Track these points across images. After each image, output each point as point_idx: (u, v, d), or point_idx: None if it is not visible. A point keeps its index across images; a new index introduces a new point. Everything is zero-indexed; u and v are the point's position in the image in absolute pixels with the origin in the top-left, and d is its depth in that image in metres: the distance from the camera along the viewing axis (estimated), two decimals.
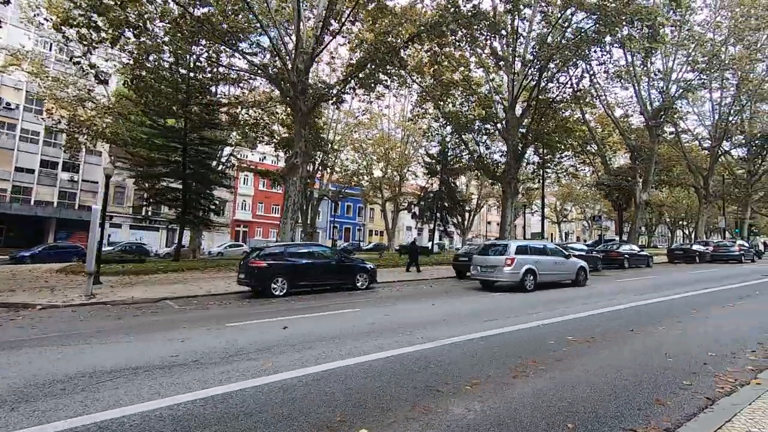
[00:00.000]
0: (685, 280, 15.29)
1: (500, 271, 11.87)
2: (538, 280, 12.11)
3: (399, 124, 42.75)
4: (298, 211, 17.13)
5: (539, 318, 7.69)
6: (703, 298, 10.49)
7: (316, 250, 11.93)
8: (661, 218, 75.55)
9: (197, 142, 25.41)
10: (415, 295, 11.35)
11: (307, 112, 17.29)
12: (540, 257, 12.61)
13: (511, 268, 11.70)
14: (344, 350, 5.53)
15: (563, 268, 13.24)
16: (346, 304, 9.63)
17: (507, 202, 21.43)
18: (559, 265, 13.14)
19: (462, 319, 7.69)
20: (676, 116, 30.09)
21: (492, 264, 12.25)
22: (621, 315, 8.06)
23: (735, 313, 8.24)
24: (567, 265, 13.34)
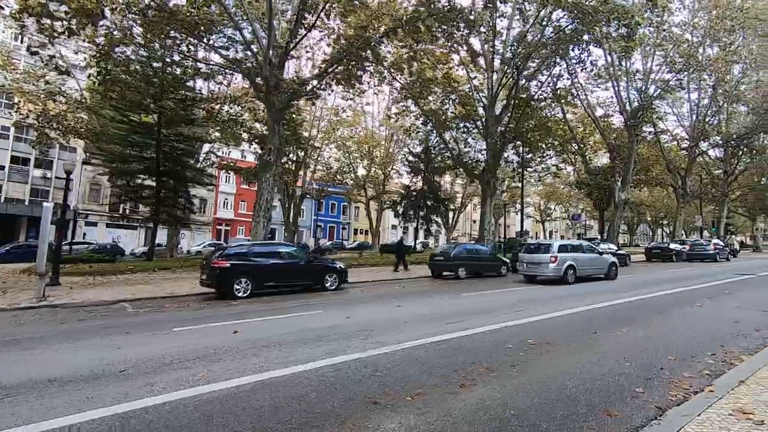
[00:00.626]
0: (658, 279, 15.31)
1: (546, 267, 13.70)
2: (577, 274, 13.97)
3: (382, 122, 42.39)
4: (271, 209, 16.69)
5: (503, 320, 7.47)
6: (673, 297, 10.43)
7: (283, 250, 11.55)
8: (642, 217, 76.95)
9: (172, 138, 24.73)
10: (385, 296, 11.08)
11: (281, 108, 16.87)
12: (578, 254, 14.48)
13: (555, 265, 13.55)
14: (291, 357, 5.21)
15: (597, 264, 15.01)
16: (309, 306, 9.30)
17: (486, 200, 21.30)
18: (593, 261, 14.93)
19: (425, 321, 7.43)
20: (655, 116, 30.40)
21: (537, 261, 14.14)
22: (584, 317, 7.89)
23: (701, 314, 8.14)
24: (600, 261, 15.13)
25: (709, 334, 6.42)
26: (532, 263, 14.33)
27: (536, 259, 14.20)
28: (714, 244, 25.71)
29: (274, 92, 16.29)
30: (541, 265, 13.89)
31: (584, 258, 14.51)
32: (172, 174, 24.94)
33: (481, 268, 16.48)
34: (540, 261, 13.98)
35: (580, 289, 12.25)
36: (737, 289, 11.88)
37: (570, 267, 13.72)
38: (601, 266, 14.94)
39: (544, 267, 13.73)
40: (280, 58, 17.00)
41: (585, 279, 14.28)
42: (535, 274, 14.31)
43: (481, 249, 17.43)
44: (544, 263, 13.73)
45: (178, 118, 24.31)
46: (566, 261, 13.70)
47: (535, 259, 14.29)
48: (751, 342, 5.91)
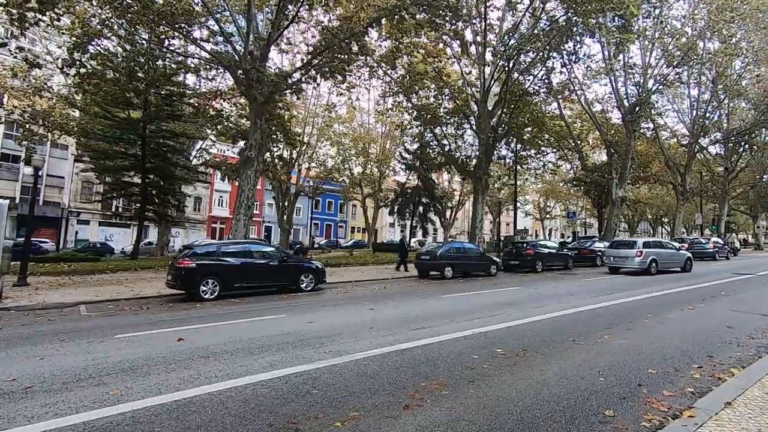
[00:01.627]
0: (654, 279, 14.73)
1: (632, 260, 15.58)
2: (659, 267, 15.75)
3: (378, 119, 41.76)
4: (252, 206, 16.15)
5: (478, 325, 6.91)
6: (667, 298, 9.87)
7: (254, 249, 10.97)
8: (643, 215, 76.17)
9: (158, 134, 24.20)
10: (361, 298, 10.51)
11: (263, 102, 16.28)
12: (659, 250, 16.48)
13: (640, 259, 15.41)
14: (228, 370, 4.67)
15: (676, 258, 16.84)
16: (275, 309, 8.75)
17: (478, 197, 20.70)
18: (672, 256, 16.82)
19: (392, 327, 6.87)
20: (653, 112, 29.73)
21: (623, 255, 16.08)
22: (566, 322, 7.32)
23: (692, 317, 7.58)
24: (678, 256, 17.01)
25: (699, 341, 5.86)
26: (618, 257, 16.27)
27: (622, 254, 16.16)
28: (713, 242, 25.12)
29: (256, 86, 15.71)
30: (627, 259, 15.75)
31: (665, 253, 16.47)
32: (158, 171, 24.43)
33: (469, 267, 15.91)
34: (626, 255, 15.83)
35: (568, 290, 11.68)
36: (734, 290, 11.31)
37: (653, 261, 15.58)
38: (679, 260, 16.84)
39: (630, 261, 15.62)
40: (261, 51, 16.41)
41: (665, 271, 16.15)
42: (619, 266, 16.31)
43: (470, 248, 16.85)
44: (630, 257, 15.60)
45: (163, 114, 23.80)
46: (650, 255, 15.57)
47: (621, 253, 16.27)
48: (744, 352, 5.35)
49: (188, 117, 24.95)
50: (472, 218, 20.94)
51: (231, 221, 56.69)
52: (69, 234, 42.52)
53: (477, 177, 20.57)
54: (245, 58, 15.21)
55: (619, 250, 16.68)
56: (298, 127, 41.12)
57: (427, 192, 36.23)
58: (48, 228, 41.05)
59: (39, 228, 40.56)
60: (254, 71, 15.15)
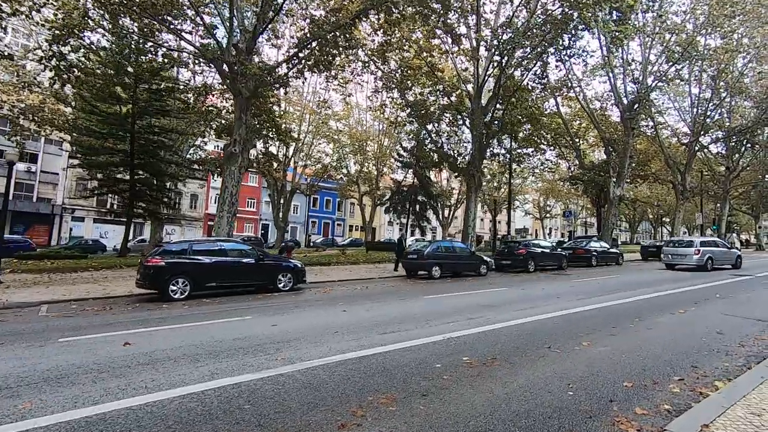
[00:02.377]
0: (648, 280, 14.29)
1: (690, 258, 17.09)
2: (714, 264, 17.04)
3: (375, 116, 41.25)
4: (236, 203, 15.74)
5: (453, 329, 6.49)
6: (658, 301, 9.42)
7: (229, 247, 10.55)
8: (644, 215, 75.48)
9: (148, 130, 23.80)
10: (339, 298, 10.09)
11: (249, 96, 15.87)
12: (714, 248, 17.90)
13: (698, 256, 16.89)
14: (162, 380, 4.26)
15: (727, 256, 18.27)
16: (244, 310, 8.34)
17: (471, 195, 20.25)
18: (725, 254, 18.30)
19: (360, 330, 6.45)
20: (654, 110, 29.22)
21: (681, 253, 17.58)
22: (546, 325, 6.89)
23: (682, 322, 7.13)
24: (730, 254, 18.52)
25: (684, 349, 5.42)
26: (676, 255, 17.79)
27: (681, 252, 17.71)
28: None
29: (240, 79, 15.30)
30: (685, 256, 17.25)
31: (718, 251, 17.88)
32: (148, 167, 24.05)
33: (458, 267, 15.48)
34: (684, 253, 17.42)
35: (557, 292, 11.23)
36: (729, 292, 10.86)
37: (710, 258, 16.94)
38: (730, 258, 18.28)
39: (688, 258, 17.11)
40: (248, 44, 15.98)
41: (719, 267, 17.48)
42: (677, 263, 17.65)
43: (459, 247, 16.41)
44: (689, 255, 17.15)
45: (152, 109, 23.41)
46: (706, 253, 17.01)
47: (679, 251, 17.79)
48: (732, 361, 4.91)
49: (178, 112, 24.53)
50: (465, 216, 20.49)
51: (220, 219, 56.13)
52: (63, 231, 42.23)
53: (470, 174, 20.11)
54: (229, 51, 14.79)
55: (677, 248, 18.16)
56: (294, 123, 40.79)
57: (423, 190, 35.77)
58: (42, 225, 40.81)
59: (32, 225, 40.40)
60: (238, 64, 14.72)
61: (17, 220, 39.72)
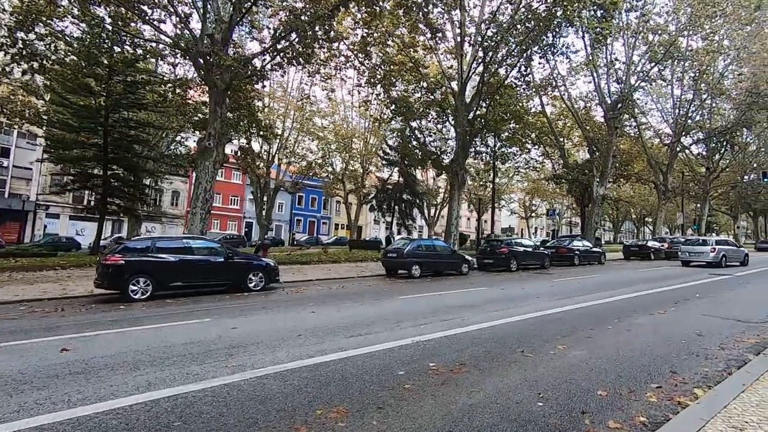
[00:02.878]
0: (630, 279, 14.19)
1: (706, 255, 18.77)
2: (727, 261, 18.87)
3: (360, 113, 40.78)
4: (211, 200, 15.18)
5: (423, 332, 6.14)
6: (638, 301, 9.22)
7: (195, 245, 10.03)
8: (628, 214, 76.52)
9: (122, 124, 22.98)
10: (311, 299, 9.65)
11: (224, 89, 15.31)
12: (727, 247, 19.89)
13: (714, 254, 18.62)
14: (89, 391, 3.81)
15: (737, 254, 19.93)
16: (207, 312, 7.87)
17: (454, 194, 19.99)
18: (735, 251, 20.04)
19: (323, 334, 6.05)
20: (636, 110, 29.38)
21: (698, 251, 19.29)
22: (521, 327, 6.59)
23: (661, 323, 6.91)
24: (739, 252, 20.26)
25: (663, 353, 5.16)
26: (693, 252, 19.49)
27: (697, 250, 19.37)
28: None
29: (215, 71, 14.74)
30: (702, 254, 18.96)
31: (730, 249, 19.74)
32: (122, 162, 23.23)
33: (439, 266, 15.17)
34: (701, 251, 19.09)
35: (537, 291, 10.99)
36: (710, 292, 10.75)
37: (723, 255, 18.70)
38: (739, 256, 19.88)
39: (704, 255, 18.80)
40: (223, 35, 15.42)
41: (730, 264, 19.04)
42: (693, 260, 19.40)
43: (440, 245, 16.10)
44: (705, 252, 18.84)
45: (126, 102, 22.60)
46: (721, 251, 18.81)
47: (696, 249, 19.51)
48: (712, 366, 4.65)
49: (155, 106, 23.73)
50: (448, 215, 20.21)
51: (210, 216, 55.18)
52: (37, 228, 40.83)
53: (453, 172, 19.84)
54: (202, 41, 14.22)
55: (694, 247, 19.88)
56: (278, 120, 40.09)
57: (408, 188, 35.43)
58: (14, 221, 39.36)
59: (4, 221, 38.92)
60: (212, 55, 14.15)
61: None
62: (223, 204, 54.70)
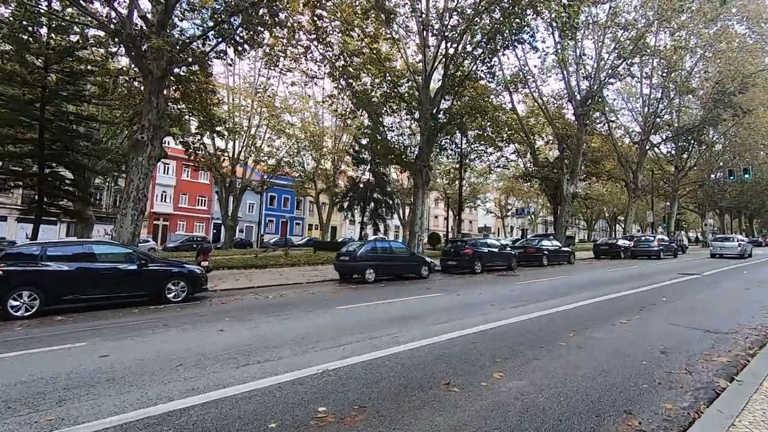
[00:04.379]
0: (597, 280, 13.45)
1: (734, 249, 22.93)
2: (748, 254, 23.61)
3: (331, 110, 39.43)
4: (144, 199, 13.72)
5: (343, 355, 5.02)
6: (601, 307, 8.35)
7: (99, 251, 8.63)
8: (601, 213, 77.44)
9: (60, 117, 21.07)
10: (233, 311, 8.37)
11: (160, 77, 13.86)
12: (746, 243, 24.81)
13: (740, 248, 22.92)
14: None
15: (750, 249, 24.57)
16: (92, 332, 6.55)
17: (418, 191, 18.99)
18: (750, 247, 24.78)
19: (216, 361, 4.87)
20: (607, 108, 29.11)
21: (728, 246, 23.37)
22: (457, 347, 5.55)
23: (621, 337, 5.98)
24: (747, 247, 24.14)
25: (620, 380, 4.19)
26: (723, 247, 23.44)
27: (726, 245, 23.41)
28: (659, 240, 24.55)
29: (148, 56, 13.31)
30: (730, 248, 23.03)
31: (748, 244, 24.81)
32: (62, 159, 21.32)
33: (396, 269, 14.08)
34: (729, 246, 23.26)
35: (495, 297, 10.04)
36: (677, 294, 10.02)
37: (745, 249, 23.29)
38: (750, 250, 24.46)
39: (732, 249, 22.92)
40: (159, 16, 14.00)
41: None
42: (724, 253, 22.99)
43: (397, 247, 15.02)
44: (733, 247, 23.07)
45: (65, 94, 20.75)
46: (744, 246, 23.51)
47: (725, 245, 23.59)
48: (677, 401, 3.69)
49: (98, 98, 21.93)
50: (412, 214, 19.22)
51: (175, 218, 52.65)
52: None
53: (417, 170, 18.84)
54: (130, 23, 12.75)
55: (723, 243, 23.97)
56: (243, 116, 38.38)
57: (379, 188, 34.37)
58: None
59: None
60: (143, 38, 12.72)
61: None
62: (189, 204, 52.47)
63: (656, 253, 23.32)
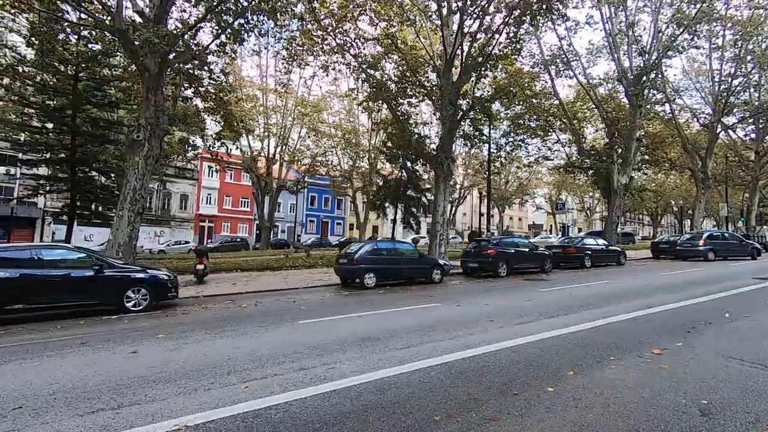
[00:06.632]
0: (643, 287, 11.11)
1: None
2: None
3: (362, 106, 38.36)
4: (142, 200, 13.28)
5: (213, 401, 3.74)
6: (632, 327, 6.39)
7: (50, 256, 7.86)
8: (668, 206, 69.93)
9: (92, 123, 21.73)
10: (184, 326, 7.39)
11: (158, 73, 13.40)
12: None
13: None
14: None
15: None
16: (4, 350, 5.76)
17: (440, 185, 17.27)
18: None
19: (98, 395, 3.77)
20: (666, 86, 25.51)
21: None
22: (400, 389, 4.04)
23: (642, 382, 4.15)
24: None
25: None
26: None
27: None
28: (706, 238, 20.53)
29: (147, 52, 12.83)
30: None
31: None
32: (92, 164, 22.01)
33: (401, 272, 12.52)
34: None
35: (503, 309, 8.27)
36: (748, 308, 7.70)
37: None
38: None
39: None
40: (156, 10, 13.52)
41: None
42: None
43: (404, 248, 13.39)
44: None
45: (95, 101, 21.33)
46: None
47: None
48: None
49: (125, 103, 22.37)
50: (433, 211, 17.54)
51: (220, 219, 54.14)
52: (46, 235, 41.08)
53: (438, 162, 17.13)
54: (120, 17, 12.30)
55: None
56: (276, 115, 38.31)
57: (411, 184, 32.79)
58: (24, 229, 39.61)
59: (14, 229, 39.22)
60: (132, 31, 12.22)
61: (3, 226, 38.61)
62: (233, 206, 53.92)
63: (703, 254, 18.85)
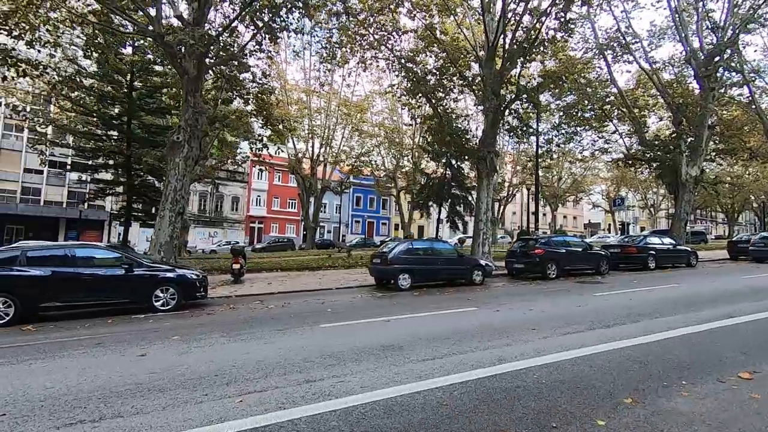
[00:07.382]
0: (718, 293, 9.58)
1: None
2: None
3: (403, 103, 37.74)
4: (183, 201, 13.56)
5: (196, 420, 3.31)
6: (712, 340, 5.28)
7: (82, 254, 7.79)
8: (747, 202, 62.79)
9: (145, 129, 22.92)
10: (204, 327, 7.13)
11: (196, 76, 13.63)
12: None
13: None
14: None
15: None
16: (28, 348, 5.76)
17: (482, 182, 16.26)
18: None
19: (79, 404, 3.50)
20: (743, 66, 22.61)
21: None
22: (410, 412, 3.39)
23: (726, 418, 3.22)
24: None
25: None
26: None
27: None
28: None
29: (187, 56, 13.11)
30: None
31: None
32: (145, 168, 23.18)
33: (438, 273, 11.76)
34: None
35: (547, 316, 7.32)
36: None
37: None
38: None
39: None
40: (195, 14, 13.76)
41: None
42: None
43: (441, 248, 12.53)
44: None
45: (148, 108, 22.47)
46: None
47: None
48: None
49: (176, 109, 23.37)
50: (476, 208, 16.55)
51: (269, 220, 55.68)
52: (113, 236, 44.27)
53: (480, 157, 16.15)
54: (158, 21, 12.59)
55: None
56: (321, 116, 38.64)
57: (456, 182, 31.69)
58: (93, 231, 42.92)
59: (85, 231, 42.63)
60: (170, 34, 12.45)
61: (71, 227, 42.20)
62: (281, 207, 55.37)
63: None
